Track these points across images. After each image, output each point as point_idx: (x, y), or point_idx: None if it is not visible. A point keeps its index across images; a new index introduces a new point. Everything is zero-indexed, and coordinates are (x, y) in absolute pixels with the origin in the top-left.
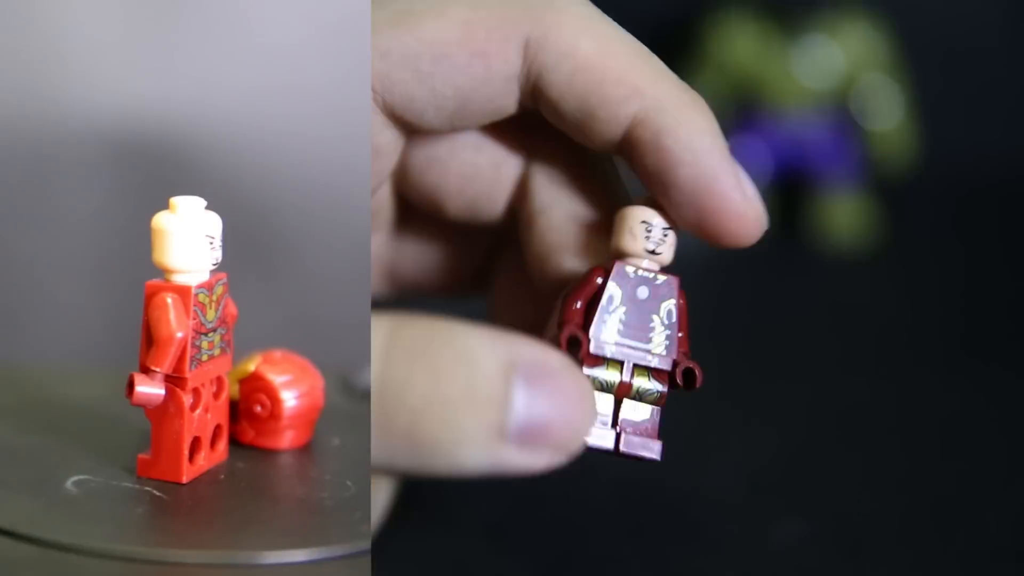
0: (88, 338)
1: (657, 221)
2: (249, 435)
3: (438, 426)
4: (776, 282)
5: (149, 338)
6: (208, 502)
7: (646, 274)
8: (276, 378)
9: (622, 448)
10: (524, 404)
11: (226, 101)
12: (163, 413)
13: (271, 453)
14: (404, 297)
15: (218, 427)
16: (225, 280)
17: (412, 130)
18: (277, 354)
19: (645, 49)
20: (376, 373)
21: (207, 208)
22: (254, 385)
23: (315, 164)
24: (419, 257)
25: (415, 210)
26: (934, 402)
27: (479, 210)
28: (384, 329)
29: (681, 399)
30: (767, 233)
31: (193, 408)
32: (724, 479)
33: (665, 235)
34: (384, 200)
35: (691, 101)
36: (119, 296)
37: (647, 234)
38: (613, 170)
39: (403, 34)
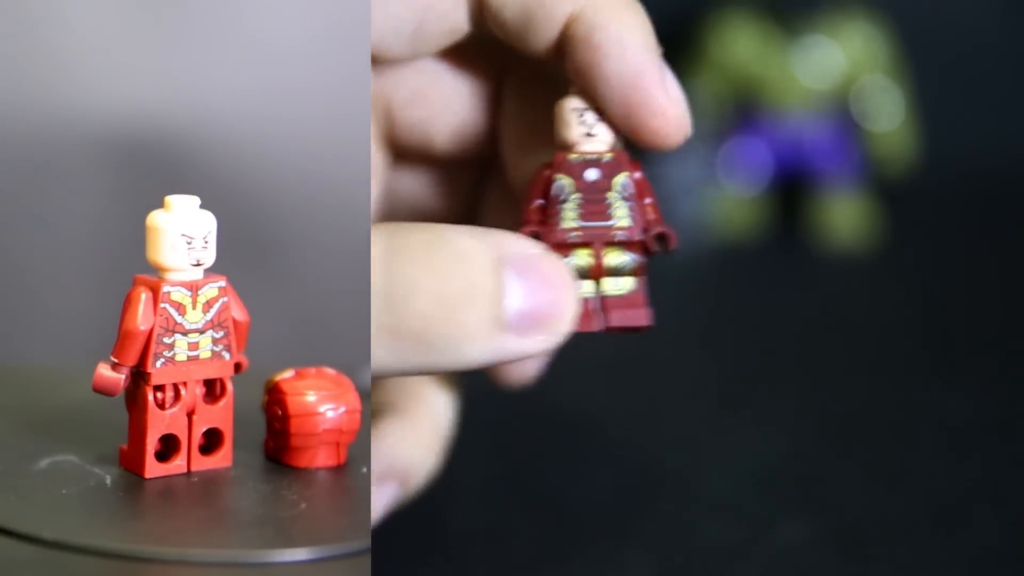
0: (88, 338)
1: (587, 105)
2: (270, 447)
3: (444, 324)
4: (776, 282)
5: None
6: (144, 497)
7: (591, 156)
8: (292, 393)
9: (611, 323)
10: (517, 293)
11: (226, 102)
12: (132, 406)
13: (282, 468)
14: None
15: (217, 432)
16: (223, 284)
17: (376, 61)
18: (311, 370)
19: None
20: (378, 279)
21: (202, 207)
22: (273, 397)
23: (314, 164)
24: (414, 200)
25: (402, 154)
26: (934, 402)
27: (466, 137)
28: (381, 237)
29: (683, 396)
30: (768, 233)
31: (167, 406)
32: (725, 479)
33: (599, 118)
34: (371, 149)
35: (626, 2)
36: (119, 296)
37: (579, 119)
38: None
39: None
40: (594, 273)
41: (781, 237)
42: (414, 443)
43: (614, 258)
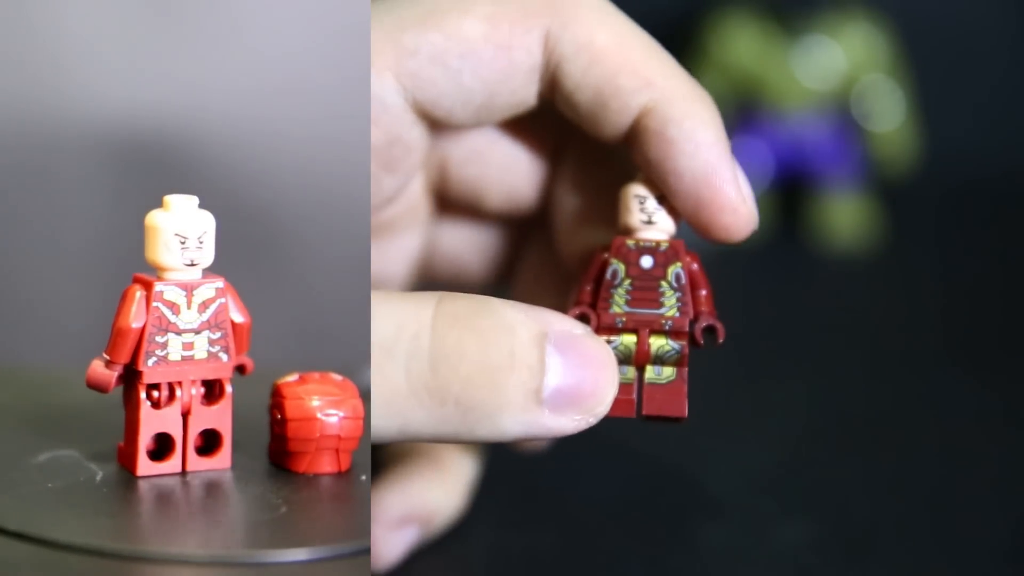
0: (90, 338)
1: (649, 193)
2: (272, 451)
3: (484, 390)
4: (776, 283)
5: None
6: (129, 494)
7: (647, 243)
8: (291, 397)
9: (644, 411)
10: (556, 370)
11: (228, 103)
12: (127, 404)
13: (281, 473)
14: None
15: (215, 433)
16: (221, 284)
17: (438, 126)
18: (315, 375)
19: (657, 44)
20: (424, 341)
21: (202, 208)
22: (274, 401)
23: (314, 166)
24: (454, 252)
25: (450, 207)
26: (934, 402)
27: (517, 199)
28: (428, 303)
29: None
30: (768, 233)
31: (161, 405)
32: (725, 480)
33: (660, 206)
34: (418, 199)
35: (699, 96)
36: (118, 297)
37: (640, 206)
38: (630, 160)
39: (431, 32)
40: (637, 359)
41: (781, 237)
42: (441, 489)
43: (659, 346)
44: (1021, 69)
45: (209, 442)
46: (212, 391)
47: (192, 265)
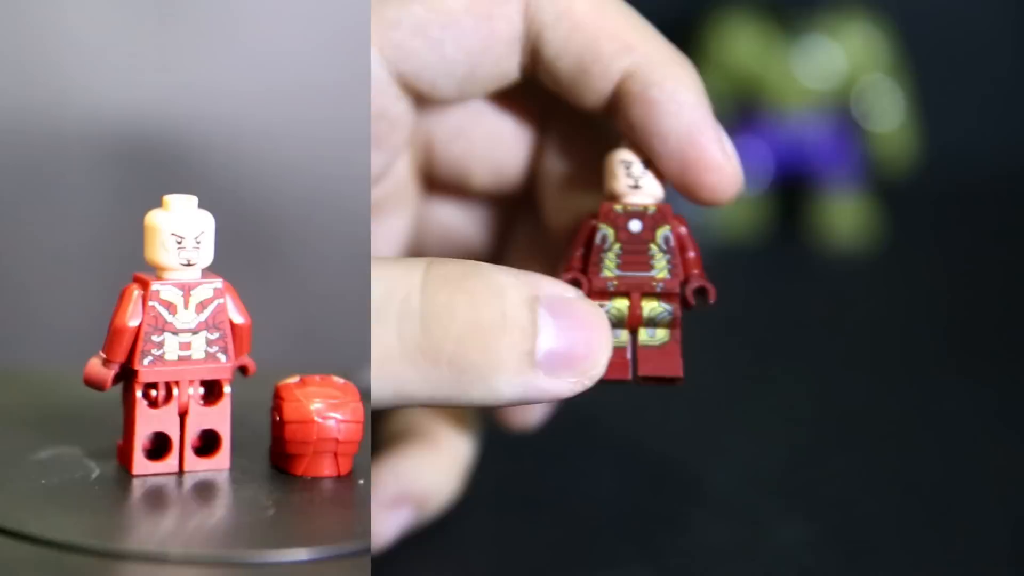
0: (91, 338)
1: (635, 158)
2: (272, 454)
3: (477, 351)
4: (776, 283)
5: None
6: (120, 492)
7: (635, 208)
8: (289, 400)
9: (640, 371)
10: (549, 332)
11: (229, 103)
12: (125, 403)
13: (279, 475)
14: None
15: (214, 434)
16: (219, 285)
17: (423, 99)
18: (316, 377)
19: (635, 11)
20: (414, 304)
21: (202, 208)
22: (274, 403)
23: (315, 166)
24: (443, 232)
25: (437, 186)
26: (934, 402)
27: (503, 176)
28: (418, 266)
29: (684, 395)
30: (768, 233)
31: (158, 404)
32: (725, 479)
33: (646, 170)
34: (405, 179)
35: (679, 60)
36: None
37: (627, 171)
38: (613, 130)
39: (412, 4)
40: (630, 322)
41: (781, 237)
42: (435, 469)
43: (651, 309)
44: (1021, 69)
45: (209, 442)
46: (212, 392)
47: (189, 265)
